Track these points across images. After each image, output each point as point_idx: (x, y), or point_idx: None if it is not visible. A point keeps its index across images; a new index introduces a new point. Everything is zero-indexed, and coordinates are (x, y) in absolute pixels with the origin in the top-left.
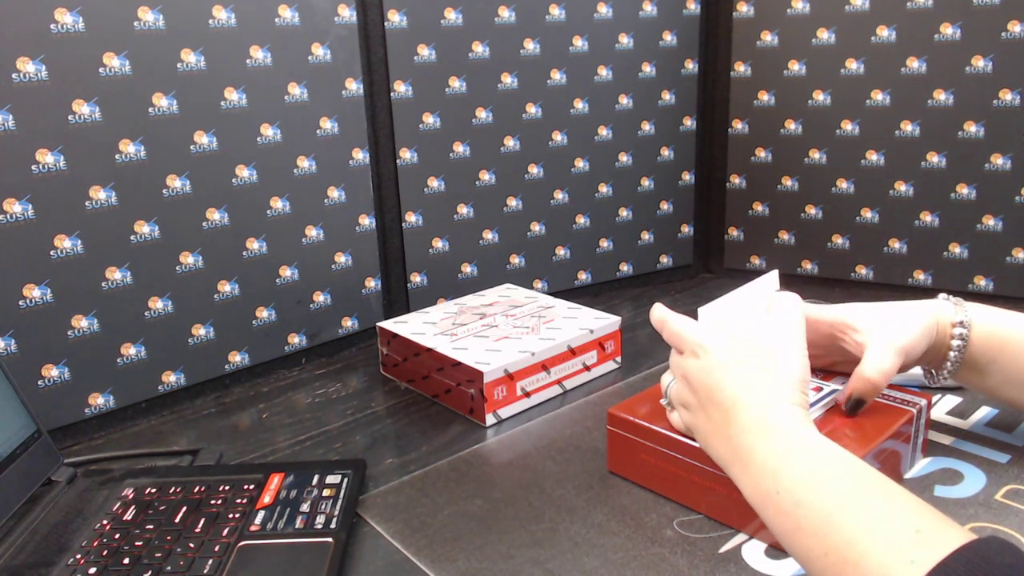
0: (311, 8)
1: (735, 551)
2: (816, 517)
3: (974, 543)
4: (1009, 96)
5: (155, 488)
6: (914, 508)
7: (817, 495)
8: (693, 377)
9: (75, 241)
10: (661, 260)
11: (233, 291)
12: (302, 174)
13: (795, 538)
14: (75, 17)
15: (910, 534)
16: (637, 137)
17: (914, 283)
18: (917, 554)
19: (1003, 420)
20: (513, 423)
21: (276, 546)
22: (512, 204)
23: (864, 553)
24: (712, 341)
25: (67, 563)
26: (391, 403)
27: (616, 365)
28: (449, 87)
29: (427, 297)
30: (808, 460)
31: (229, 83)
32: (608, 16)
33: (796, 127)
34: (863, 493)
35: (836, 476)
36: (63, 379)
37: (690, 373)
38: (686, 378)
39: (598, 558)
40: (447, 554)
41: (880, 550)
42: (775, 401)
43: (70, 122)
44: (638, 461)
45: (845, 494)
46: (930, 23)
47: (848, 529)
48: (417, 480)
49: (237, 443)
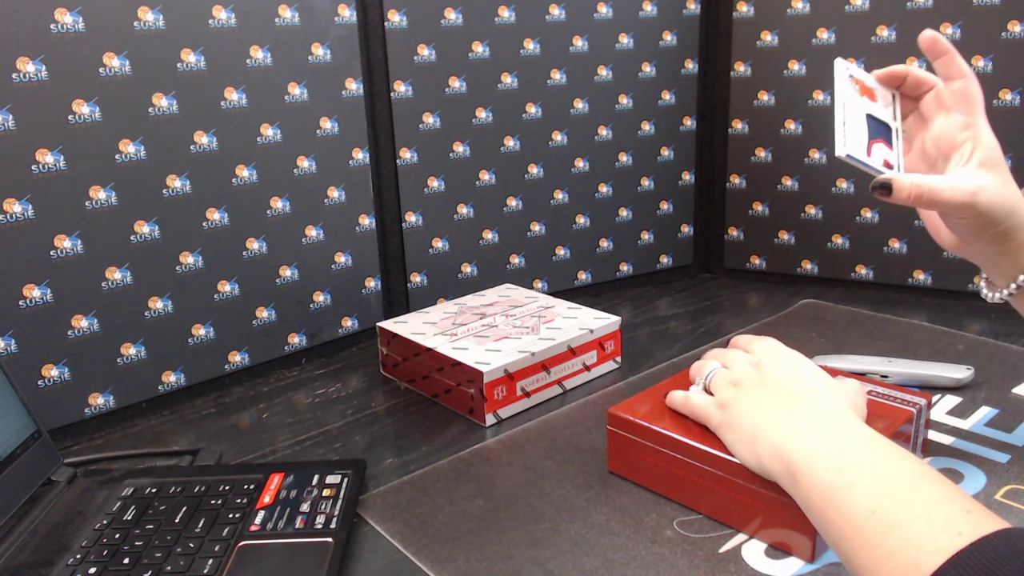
0: (311, 8)
1: (735, 551)
2: (874, 478)
3: (1018, 528)
4: (1009, 96)
5: (155, 488)
6: (965, 495)
7: (881, 461)
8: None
9: (75, 241)
10: (661, 260)
11: (233, 291)
12: (302, 174)
13: (842, 494)
14: (75, 17)
15: (961, 512)
16: (637, 137)
17: (914, 283)
18: (965, 528)
19: (1003, 420)
20: (513, 423)
21: (276, 546)
22: (512, 204)
23: (915, 518)
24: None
25: (67, 563)
26: (391, 403)
27: (616, 365)
28: (449, 87)
29: (427, 297)
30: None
31: (229, 83)
32: (608, 16)
33: (796, 127)
34: (924, 472)
35: (901, 453)
36: (63, 379)
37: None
38: (758, 363)
39: (598, 558)
40: (447, 554)
41: (932, 517)
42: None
43: (70, 122)
44: (638, 461)
45: (908, 467)
46: (930, 23)
47: (904, 493)
48: (417, 480)
49: (237, 443)
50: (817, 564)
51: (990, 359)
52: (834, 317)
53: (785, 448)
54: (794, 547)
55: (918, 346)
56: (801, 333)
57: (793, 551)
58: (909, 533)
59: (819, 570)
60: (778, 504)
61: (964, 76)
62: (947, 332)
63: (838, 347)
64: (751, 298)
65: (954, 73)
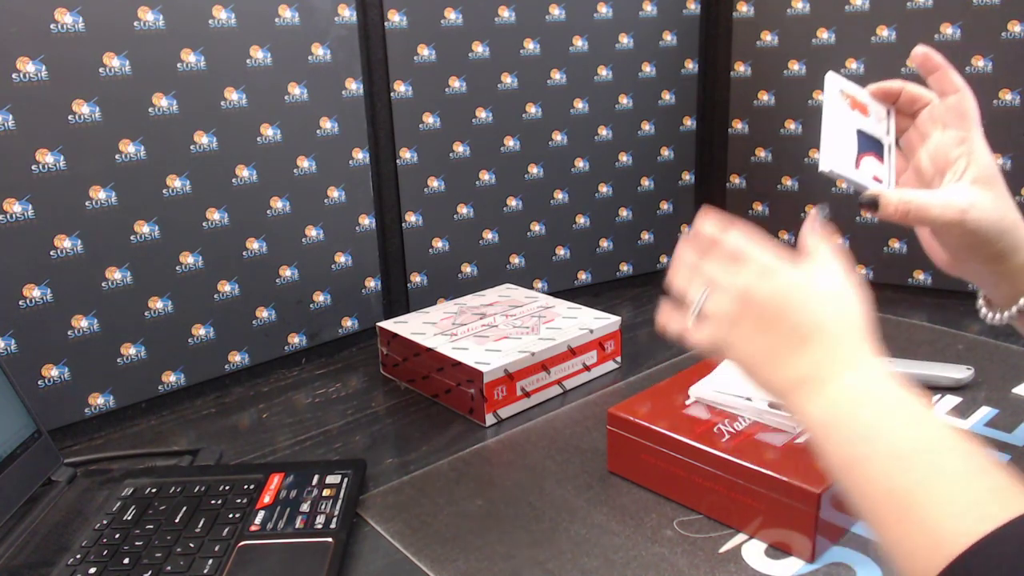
0: (311, 8)
1: (735, 551)
2: (889, 451)
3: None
4: (1009, 96)
5: (155, 488)
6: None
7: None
8: (761, 295)
9: (75, 241)
10: (661, 260)
11: (233, 291)
12: (302, 174)
13: (858, 468)
14: (75, 17)
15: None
16: (637, 137)
17: (914, 283)
18: (990, 509)
19: (1003, 420)
20: (513, 423)
21: (276, 546)
22: (512, 204)
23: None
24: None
25: (67, 563)
26: (391, 403)
27: (616, 365)
28: (449, 87)
29: (427, 297)
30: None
31: (229, 83)
32: (608, 16)
33: (796, 127)
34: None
35: (919, 417)
36: (63, 379)
37: (756, 291)
38: (746, 294)
39: (598, 558)
40: (447, 554)
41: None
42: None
43: (70, 122)
44: (638, 461)
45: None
46: (930, 23)
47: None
48: (417, 480)
49: (237, 443)
50: (817, 564)
51: (990, 359)
52: None
53: (795, 409)
54: (794, 547)
55: (918, 346)
56: None
57: (793, 551)
58: (927, 515)
59: (819, 570)
60: (778, 504)
61: (958, 91)
62: (947, 332)
63: None
64: None
65: (947, 88)
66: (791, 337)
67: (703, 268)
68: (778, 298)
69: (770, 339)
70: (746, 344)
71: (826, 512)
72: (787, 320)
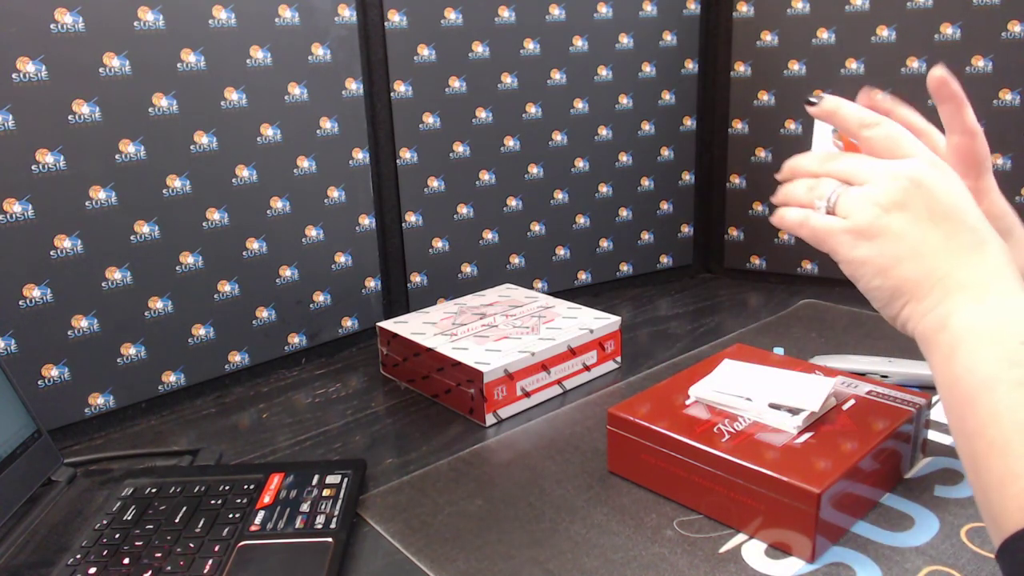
0: (311, 8)
1: (735, 551)
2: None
3: None
4: (1009, 96)
5: (155, 488)
6: None
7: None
8: (936, 184)
9: (75, 241)
10: (661, 260)
11: (233, 291)
12: (302, 174)
13: (1002, 391)
14: (75, 17)
15: None
16: (637, 137)
17: None
18: None
19: None
20: (513, 423)
21: (276, 546)
22: (512, 204)
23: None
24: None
25: (67, 563)
26: (391, 403)
27: (616, 365)
28: (449, 87)
29: (427, 297)
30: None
31: (229, 83)
32: (608, 16)
33: (796, 127)
34: None
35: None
36: (63, 379)
37: (929, 179)
38: (918, 179)
39: (598, 558)
40: (447, 554)
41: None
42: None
43: (70, 122)
44: (638, 461)
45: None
46: (930, 23)
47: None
48: (417, 480)
49: (237, 443)
50: (817, 564)
51: None
52: (834, 317)
53: (957, 314)
54: (794, 547)
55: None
56: (801, 333)
57: (793, 551)
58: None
59: (819, 570)
60: (778, 504)
61: (966, 133)
62: None
63: (838, 347)
64: (751, 298)
65: (957, 126)
66: (970, 237)
67: (838, 165)
68: (954, 194)
69: (944, 230)
70: (911, 228)
71: (826, 512)
72: (965, 218)
